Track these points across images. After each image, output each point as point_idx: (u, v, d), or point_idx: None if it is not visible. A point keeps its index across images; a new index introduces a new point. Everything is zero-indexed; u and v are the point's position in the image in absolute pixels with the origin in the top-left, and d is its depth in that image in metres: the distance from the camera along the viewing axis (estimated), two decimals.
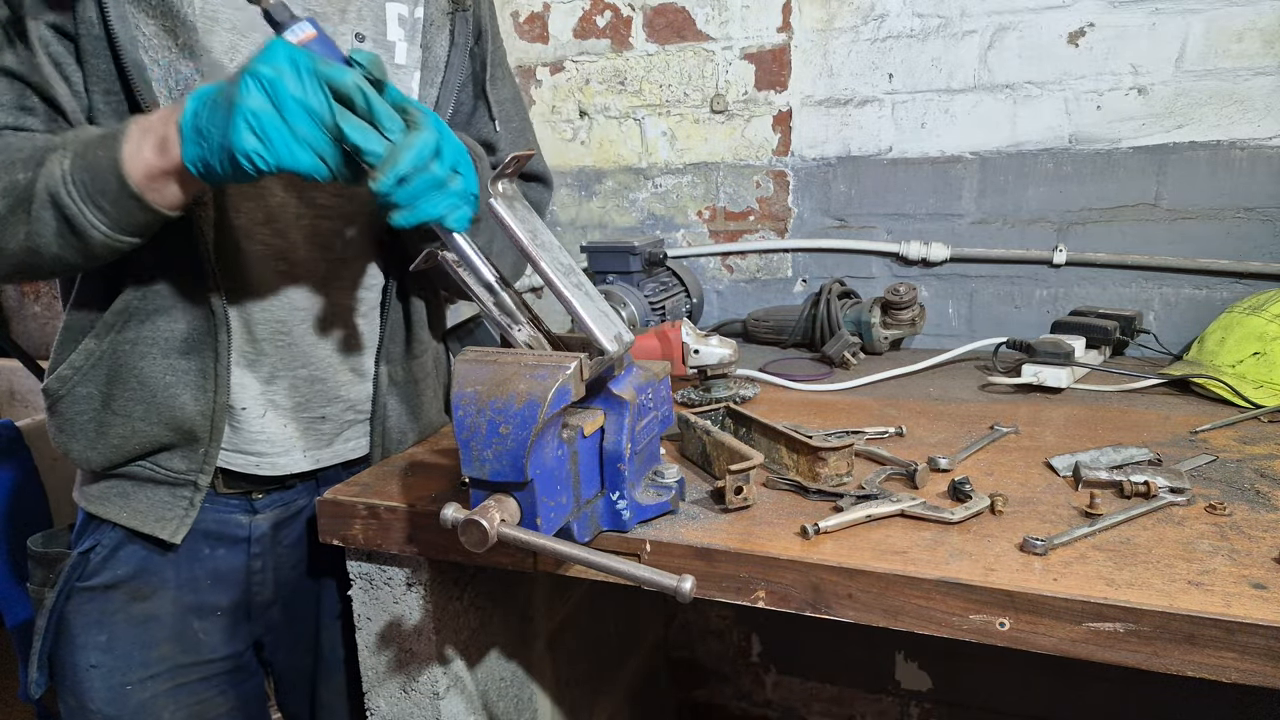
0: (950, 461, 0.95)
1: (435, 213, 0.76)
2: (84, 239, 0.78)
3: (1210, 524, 0.80)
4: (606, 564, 0.70)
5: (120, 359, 0.92)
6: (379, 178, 0.72)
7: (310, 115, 0.70)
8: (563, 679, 1.36)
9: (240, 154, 0.70)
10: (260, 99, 0.69)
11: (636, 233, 1.83)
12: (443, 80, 1.02)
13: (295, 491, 1.06)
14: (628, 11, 1.72)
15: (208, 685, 1.04)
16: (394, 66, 0.98)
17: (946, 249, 1.58)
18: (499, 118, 1.11)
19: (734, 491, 0.85)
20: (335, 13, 0.93)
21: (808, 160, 1.66)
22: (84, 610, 0.98)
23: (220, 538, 1.02)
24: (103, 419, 0.93)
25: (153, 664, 1.00)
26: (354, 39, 0.95)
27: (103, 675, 0.98)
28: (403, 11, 0.98)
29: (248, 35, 0.87)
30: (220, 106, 0.71)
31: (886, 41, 1.55)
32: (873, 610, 0.75)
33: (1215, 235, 1.42)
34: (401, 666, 1.02)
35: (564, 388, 0.71)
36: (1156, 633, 0.66)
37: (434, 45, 1.01)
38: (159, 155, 0.75)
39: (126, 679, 0.99)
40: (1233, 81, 1.36)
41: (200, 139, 0.72)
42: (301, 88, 0.70)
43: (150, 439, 0.94)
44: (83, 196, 0.76)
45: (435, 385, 1.15)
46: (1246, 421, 1.08)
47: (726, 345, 1.23)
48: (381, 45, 0.97)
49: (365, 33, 0.95)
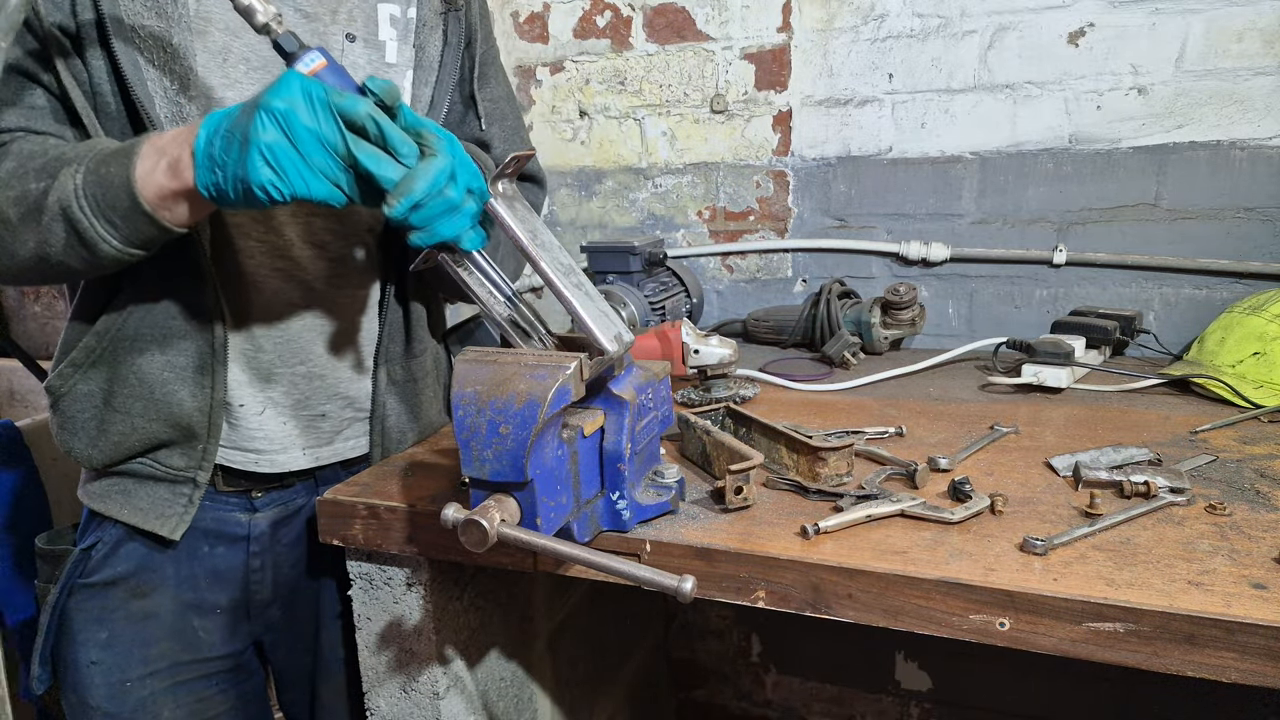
0: (950, 461, 0.95)
1: (450, 234, 0.78)
2: (94, 251, 0.80)
3: (1210, 524, 0.80)
4: (606, 564, 0.70)
5: (119, 356, 0.92)
6: (393, 204, 0.73)
7: (324, 145, 0.71)
8: (563, 679, 1.36)
9: (256, 186, 0.71)
10: (274, 132, 0.70)
11: (636, 233, 1.83)
12: (437, 80, 1.02)
13: (294, 490, 1.06)
14: (628, 11, 1.72)
15: (208, 684, 1.04)
16: (385, 65, 0.99)
17: (946, 249, 1.58)
18: (488, 115, 1.12)
19: (734, 491, 0.85)
20: (326, 13, 0.94)
21: (808, 160, 1.66)
22: (85, 607, 0.99)
23: (220, 536, 1.02)
24: (103, 416, 0.94)
25: (152, 661, 1.00)
26: (345, 39, 0.95)
27: (103, 672, 0.99)
28: (395, 12, 0.99)
29: (240, 36, 0.88)
30: (235, 140, 0.72)
31: (886, 41, 1.55)
32: (873, 610, 0.75)
33: (1215, 235, 1.42)
34: (401, 666, 1.02)
35: (564, 388, 0.71)
36: (1156, 633, 0.66)
37: (427, 45, 1.01)
38: (171, 177, 0.76)
39: (126, 676, 0.99)
40: (1233, 81, 1.36)
41: (214, 167, 0.73)
42: (315, 118, 0.71)
43: (150, 436, 0.94)
44: (95, 211, 0.77)
45: (435, 385, 1.15)
46: (1246, 421, 1.08)
47: (726, 345, 1.23)
48: (373, 45, 0.97)
49: (356, 33, 0.96)
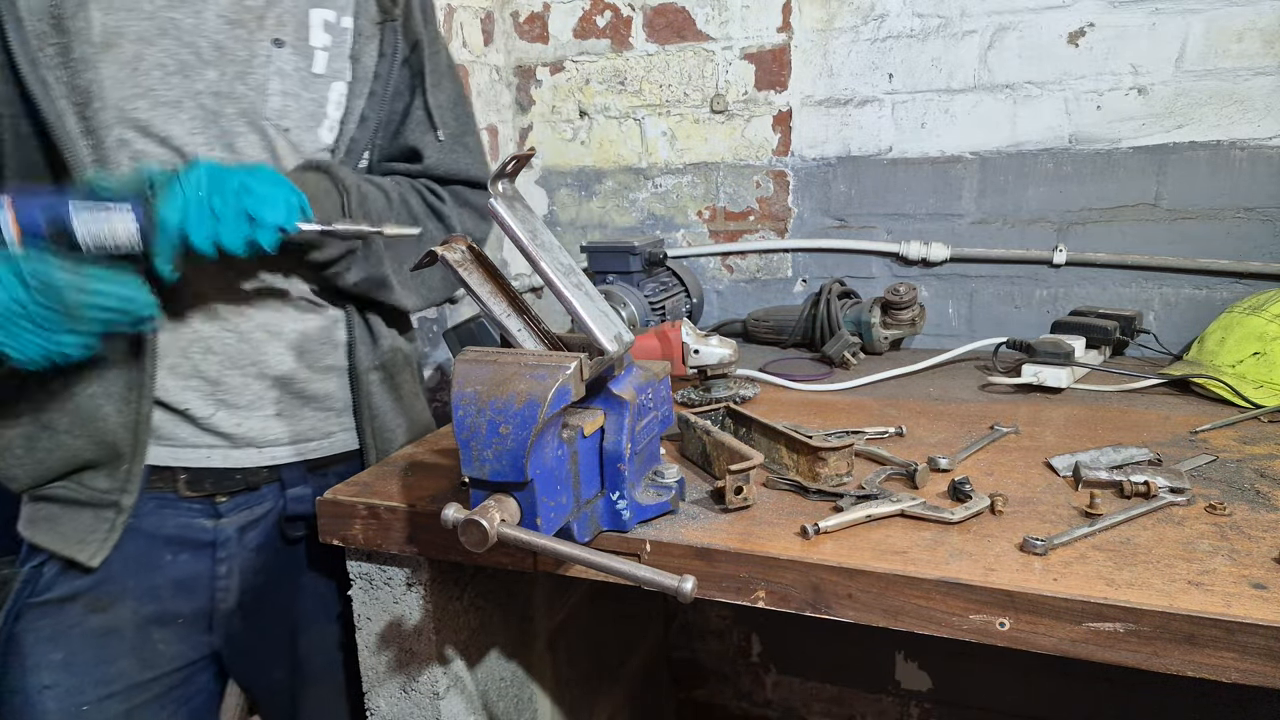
0: (950, 461, 0.95)
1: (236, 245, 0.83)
2: None
3: (1210, 524, 0.80)
4: (606, 564, 0.70)
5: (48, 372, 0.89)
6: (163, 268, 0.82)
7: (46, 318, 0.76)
8: (563, 679, 1.36)
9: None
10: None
11: (636, 233, 1.83)
12: (370, 92, 1.01)
13: (260, 494, 1.04)
14: (628, 11, 1.72)
15: (162, 705, 1.01)
16: (312, 75, 0.97)
17: (946, 249, 1.57)
18: (440, 125, 1.10)
19: (734, 491, 0.85)
20: (252, 19, 0.93)
21: (808, 160, 1.66)
22: (37, 627, 0.95)
23: (184, 543, 1.00)
24: (30, 433, 0.92)
25: (112, 680, 0.97)
26: (271, 44, 0.94)
27: (57, 697, 0.94)
28: (329, 17, 0.98)
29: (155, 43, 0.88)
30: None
31: (886, 41, 1.55)
32: (873, 610, 0.75)
33: (1215, 235, 1.42)
34: (401, 666, 1.02)
35: (564, 388, 0.71)
36: (1156, 633, 0.66)
37: (363, 57, 1.00)
38: None
39: (83, 699, 0.95)
40: (1233, 81, 1.36)
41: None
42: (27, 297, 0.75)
43: (75, 454, 0.92)
44: None
45: (411, 381, 1.14)
46: (1246, 421, 1.08)
47: (726, 345, 1.23)
48: (302, 52, 0.96)
49: (285, 38, 0.95)
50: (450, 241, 0.80)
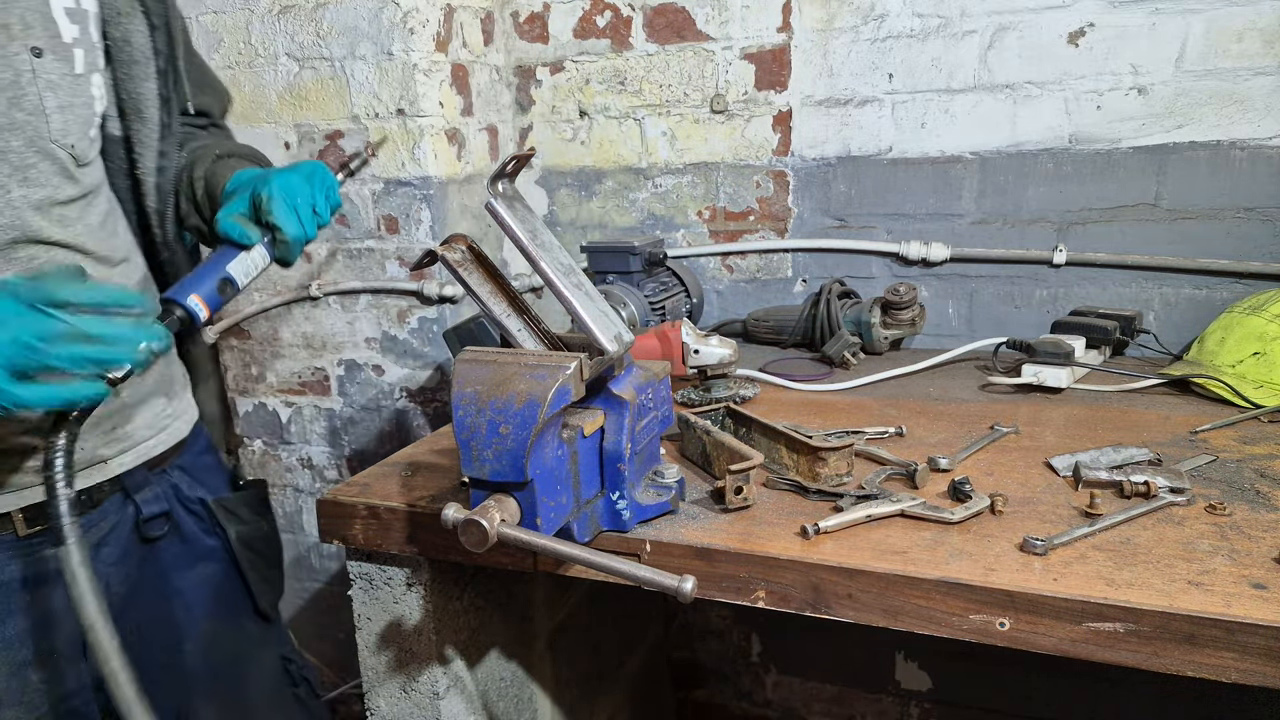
0: (950, 461, 0.95)
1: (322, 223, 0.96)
2: None
3: (1210, 524, 0.80)
4: (606, 564, 0.70)
5: None
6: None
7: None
8: (563, 679, 1.36)
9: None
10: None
11: (636, 233, 1.83)
12: (158, 70, 0.93)
13: (102, 511, 0.98)
14: (628, 11, 1.72)
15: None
16: (74, 78, 0.89)
17: (946, 249, 1.57)
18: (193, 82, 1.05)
19: (734, 491, 0.85)
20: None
21: (808, 160, 1.66)
22: None
23: (38, 579, 0.93)
24: None
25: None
26: (31, 55, 0.84)
27: None
28: (69, 4, 0.88)
29: None
30: None
31: (886, 41, 1.55)
32: (873, 610, 0.75)
33: (1215, 235, 1.42)
34: (401, 666, 1.02)
35: (564, 388, 0.71)
36: (1156, 633, 0.66)
37: (132, 36, 0.93)
38: None
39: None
40: (1233, 81, 1.36)
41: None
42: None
43: None
44: None
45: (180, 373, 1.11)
46: (1246, 421, 1.08)
47: (726, 345, 1.23)
48: (61, 55, 0.87)
49: (41, 46, 0.85)
50: (451, 241, 0.80)
